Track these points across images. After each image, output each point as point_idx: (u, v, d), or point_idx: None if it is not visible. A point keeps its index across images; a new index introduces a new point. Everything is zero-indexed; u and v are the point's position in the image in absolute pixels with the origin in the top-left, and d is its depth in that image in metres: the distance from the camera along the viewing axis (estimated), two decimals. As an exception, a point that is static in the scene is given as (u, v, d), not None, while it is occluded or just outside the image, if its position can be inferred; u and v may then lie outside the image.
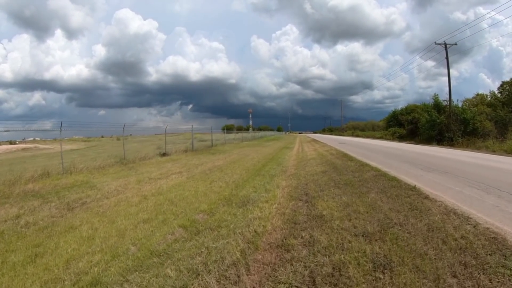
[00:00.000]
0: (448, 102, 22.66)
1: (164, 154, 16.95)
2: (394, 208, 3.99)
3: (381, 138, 33.43)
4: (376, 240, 3.13)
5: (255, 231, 3.82)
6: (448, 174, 6.58)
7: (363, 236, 3.26)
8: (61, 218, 4.98)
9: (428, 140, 22.50)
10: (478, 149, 17.64)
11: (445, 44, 23.38)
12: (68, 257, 3.38)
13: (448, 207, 3.98)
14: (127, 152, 15.48)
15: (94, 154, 20.23)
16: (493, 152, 15.05)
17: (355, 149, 14.99)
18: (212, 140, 22.52)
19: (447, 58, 23.28)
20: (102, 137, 51.37)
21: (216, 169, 10.14)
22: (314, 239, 3.37)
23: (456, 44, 23.76)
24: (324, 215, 4.07)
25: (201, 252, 3.36)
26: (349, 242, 3.15)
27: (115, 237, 3.97)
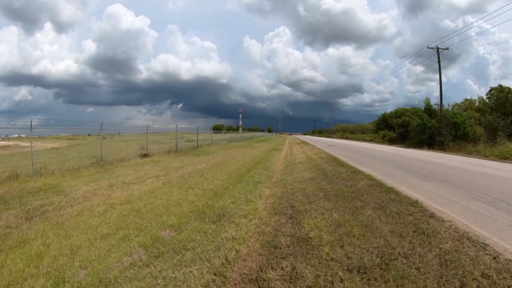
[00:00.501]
0: (439, 106, 22.49)
1: (145, 155, 16.01)
2: (395, 230, 3.29)
3: (371, 141, 33.19)
4: (375, 279, 2.41)
5: (226, 258, 3.06)
6: (448, 184, 5.97)
7: (358, 272, 2.54)
8: (16, 229, 4.38)
9: (419, 144, 22.25)
10: (469, 153, 17.41)
11: (437, 49, 23.26)
12: (10, 280, 2.97)
13: (459, 229, 3.31)
14: (107, 153, 14.52)
15: (74, 154, 19.09)
16: (485, 157, 14.79)
17: (346, 152, 14.43)
18: (197, 140, 21.61)
19: (439, 62, 23.13)
20: (89, 135, 49.68)
21: (197, 173, 9.33)
22: (296, 272, 2.64)
23: (448, 48, 23.74)
24: (311, 237, 3.33)
25: (156, 284, 2.66)
26: (341, 281, 2.43)
27: (67, 256, 3.47)
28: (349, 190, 5.28)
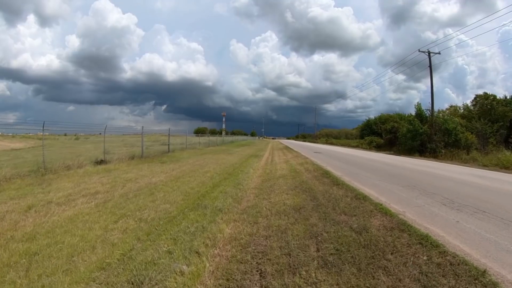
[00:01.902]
0: (430, 111, 21.26)
1: (101, 162, 13.36)
2: None
3: (357, 147, 31.80)
4: None
5: None
6: (491, 218, 4.00)
7: None
8: None
9: (409, 151, 20.85)
10: (464, 162, 16.09)
11: (429, 52, 22.21)
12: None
13: None
14: (59, 157, 11.92)
15: (29, 157, 16.06)
16: (485, 166, 13.40)
17: (335, 162, 12.48)
18: (169, 144, 19.05)
19: (430, 66, 22.03)
20: (65, 135, 45.72)
21: (147, 191, 6.96)
22: None
23: (439, 53, 22.81)
24: None
25: None
26: None
27: None
28: (359, 241, 3.13)
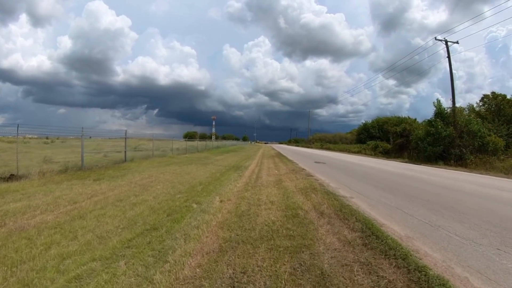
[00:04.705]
0: (451, 110, 17.47)
1: (10, 177, 9.18)
2: None
3: (359, 152, 27.82)
4: None
5: None
6: None
7: None
8: None
9: (428, 158, 16.93)
10: (505, 173, 12.30)
11: (446, 41, 18.62)
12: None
13: None
14: None
15: None
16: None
17: (358, 182, 8.15)
18: (125, 151, 14.59)
19: (448, 56, 18.38)
20: (47, 138, 40.89)
21: None
22: None
23: (458, 42, 19.30)
24: None
25: None
26: None
27: None
28: None
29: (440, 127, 15.89)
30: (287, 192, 6.07)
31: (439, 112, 17.28)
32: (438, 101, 17.53)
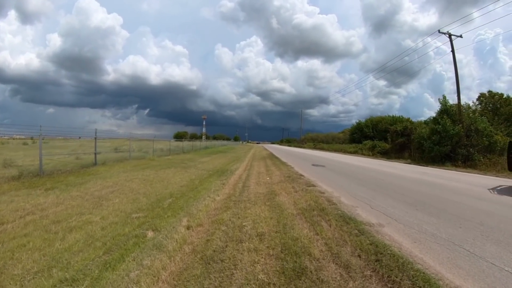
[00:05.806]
0: (456, 107, 16.10)
1: None
2: None
3: (355, 153, 26.38)
4: None
5: None
6: None
7: None
8: None
9: (433, 159, 15.51)
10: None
11: (450, 35, 17.26)
12: None
13: None
14: None
15: None
16: None
17: (372, 194, 6.42)
18: (96, 153, 12.57)
19: (452, 51, 17.00)
20: (32, 138, 38.27)
21: None
22: None
23: (461, 36, 17.97)
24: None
25: None
26: None
27: None
28: None
29: (448, 124, 14.47)
30: (284, 214, 4.28)
31: (445, 109, 15.88)
32: (444, 97, 16.17)
